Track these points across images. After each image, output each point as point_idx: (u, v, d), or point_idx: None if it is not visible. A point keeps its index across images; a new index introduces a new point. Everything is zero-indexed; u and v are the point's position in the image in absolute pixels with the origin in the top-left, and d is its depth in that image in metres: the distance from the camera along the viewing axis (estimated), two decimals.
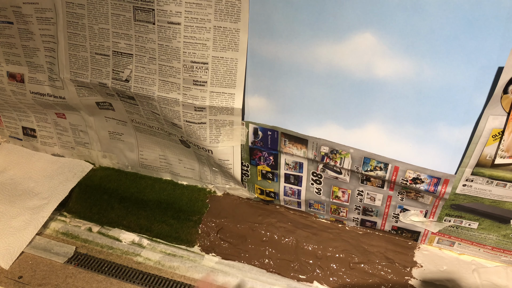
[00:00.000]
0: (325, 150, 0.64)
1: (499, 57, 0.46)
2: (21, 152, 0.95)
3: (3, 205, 0.81)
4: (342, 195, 0.70)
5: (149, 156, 0.84)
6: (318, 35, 0.53)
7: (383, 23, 0.49)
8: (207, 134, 0.68)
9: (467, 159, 0.55)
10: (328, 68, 0.56)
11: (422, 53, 0.50)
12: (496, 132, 0.51)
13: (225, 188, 0.82)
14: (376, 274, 0.69)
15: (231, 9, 0.56)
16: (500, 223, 0.62)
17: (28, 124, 0.92)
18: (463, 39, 0.47)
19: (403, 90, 0.54)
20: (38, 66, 0.77)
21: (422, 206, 0.66)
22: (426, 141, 0.57)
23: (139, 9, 0.60)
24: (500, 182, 0.56)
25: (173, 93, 0.65)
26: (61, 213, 0.84)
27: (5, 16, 0.73)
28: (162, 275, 0.71)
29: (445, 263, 0.69)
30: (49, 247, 0.76)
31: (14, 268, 0.72)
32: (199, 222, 0.78)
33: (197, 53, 0.60)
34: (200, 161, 0.78)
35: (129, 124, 0.79)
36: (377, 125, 0.58)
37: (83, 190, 0.86)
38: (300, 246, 0.73)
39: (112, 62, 0.68)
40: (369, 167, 0.62)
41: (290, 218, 0.78)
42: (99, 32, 0.66)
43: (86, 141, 0.88)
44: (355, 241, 0.73)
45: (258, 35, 0.57)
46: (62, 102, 0.79)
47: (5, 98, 0.85)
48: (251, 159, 0.72)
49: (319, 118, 0.61)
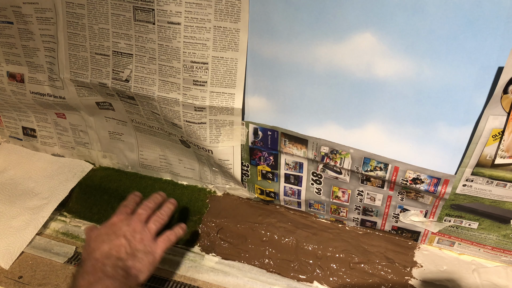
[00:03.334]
0: (325, 150, 0.64)
1: (499, 57, 0.46)
2: (21, 152, 0.95)
3: (3, 205, 0.82)
4: (342, 195, 0.70)
5: (149, 156, 0.84)
6: (318, 35, 0.53)
7: (383, 23, 0.49)
8: (207, 134, 0.68)
9: (467, 159, 0.55)
10: (328, 68, 0.56)
11: (422, 53, 0.50)
12: (496, 132, 0.51)
13: (225, 188, 0.82)
14: (376, 274, 0.69)
15: (231, 9, 0.56)
16: (500, 223, 0.62)
17: (28, 124, 0.92)
18: (463, 39, 0.47)
19: (403, 90, 0.54)
20: (38, 66, 0.77)
21: (422, 206, 0.66)
22: (426, 141, 0.57)
23: (139, 9, 0.60)
24: (500, 182, 0.56)
25: (173, 93, 0.65)
26: (61, 213, 0.84)
27: (5, 16, 0.73)
28: (162, 275, 0.71)
29: (445, 263, 0.69)
30: (49, 247, 0.76)
31: (14, 268, 0.72)
32: (199, 222, 0.78)
33: (197, 53, 0.60)
34: (200, 161, 0.79)
35: (129, 124, 0.79)
36: (377, 125, 0.58)
37: (83, 190, 0.86)
38: (300, 246, 0.73)
39: (112, 62, 0.68)
40: (369, 167, 0.62)
41: (290, 218, 0.78)
42: (99, 32, 0.66)
43: (86, 141, 0.88)
44: (355, 241, 0.73)
45: (258, 35, 0.57)
46: (62, 102, 0.79)
47: (5, 98, 0.85)
48: (251, 159, 0.72)
49: (319, 118, 0.61)
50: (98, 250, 0.56)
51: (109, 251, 0.56)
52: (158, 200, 0.66)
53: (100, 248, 0.56)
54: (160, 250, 0.60)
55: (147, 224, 0.61)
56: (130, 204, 0.65)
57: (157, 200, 0.66)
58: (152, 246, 0.60)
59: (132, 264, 0.56)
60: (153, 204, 0.65)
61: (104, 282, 0.52)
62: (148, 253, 0.58)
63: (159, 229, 0.62)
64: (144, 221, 0.62)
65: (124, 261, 0.56)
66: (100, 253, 0.56)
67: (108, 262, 0.55)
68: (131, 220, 0.61)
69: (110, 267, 0.54)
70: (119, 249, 0.57)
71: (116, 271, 0.54)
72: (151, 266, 0.58)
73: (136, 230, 0.60)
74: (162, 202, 0.67)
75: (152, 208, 0.64)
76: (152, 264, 0.58)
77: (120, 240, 0.57)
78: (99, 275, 0.53)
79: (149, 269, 0.58)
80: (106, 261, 0.55)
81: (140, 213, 0.62)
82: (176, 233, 0.64)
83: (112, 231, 0.59)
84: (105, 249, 0.56)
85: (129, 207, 0.64)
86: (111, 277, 0.53)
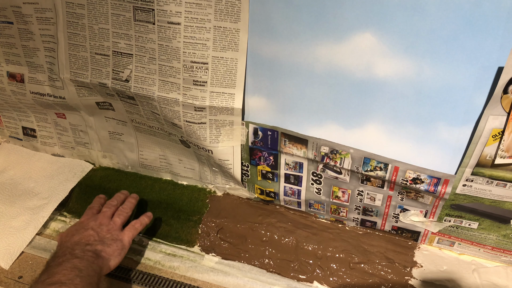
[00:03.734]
0: (325, 150, 0.64)
1: (499, 57, 0.46)
2: (21, 152, 0.95)
3: (3, 205, 0.81)
4: (342, 195, 0.70)
5: (149, 156, 0.84)
6: (318, 35, 0.53)
7: (383, 23, 0.49)
8: (207, 134, 0.68)
9: (467, 159, 0.55)
10: (328, 68, 0.56)
11: (422, 53, 0.50)
12: (496, 132, 0.51)
13: (225, 188, 0.82)
14: (376, 274, 0.69)
15: (231, 9, 0.56)
16: (500, 223, 0.62)
17: (28, 124, 0.92)
18: (463, 39, 0.47)
19: (403, 90, 0.54)
20: (38, 66, 0.77)
21: (422, 206, 0.66)
22: (426, 141, 0.57)
23: (139, 9, 0.60)
24: (500, 182, 0.56)
25: (173, 93, 0.65)
26: (61, 213, 0.84)
27: (5, 16, 0.73)
28: (162, 275, 0.71)
29: (445, 263, 0.69)
30: (49, 247, 0.76)
31: (14, 268, 0.72)
32: (199, 222, 0.78)
33: (197, 53, 0.60)
34: (200, 161, 0.78)
35: (129, 124, 0.79)
36: (377, 125, 0.58)
37: (83, 190, 0.86)
38: (300, 246, 0.73)
39: (112, 62, 0.68)
40: (369, 167, 0.62)
41: (290, 218, 0.78)
42: (99, 32, 0.66)
43: (86, 141, 0.88)
44: (355, 241, 0.73)
45: (258, 35, 0.57)
46: (62, 102, 0.79)
47: (5, 98, 0.85)
48: (251, 159, 0.72)
49: (319, 118, 0.61)
50: (69, 241, 0.62)
51: (78, 240, 0.62)
52: (120, 198, 0.73)
53: (70, 239, 0.62)
54: (127, 238, 0.65)
55: (112, 219, 0.68)
56: (95, 205, 0.72)
57: (119, 198, 0.73)
58: (119, 234, 0.65)
59: (101, 248, 0.61)
60: (116, 201, 0.71)
61: (72, 261, 0.57)
62: (116, 240, 0.64)
63: (124, 221, 0.68)
64: (110, 217, 0.68)
65: (93, 245, 0.61)
66: (70, 243, 0.61)
67: (77, 247, 0.60)
68: (98, 217, 0.67)
69: (79, 250, 0.59)
70: (88, 238, 0.62)
71: (85, 253, 0.59)
72: (121, 251, 0.63)
73: (103, 223, 0.66)
74: (125, 199, 0.73)
75: (115, 206, 0.71)
76: (122, 249, 0.63)
77: (89, 231, 0.63)
78: (68, 256, 0.57)
79: (119, 254, 0.63)
80: (76, 246, 0.60)
81: (105, 210, 0.69)
82: (141, 222, 0.69)
83: (81, 227, 0.65)
84: (75, 239, 0.62)
85: (95, 208, 0.71)
86: (79, 257, 0.57)
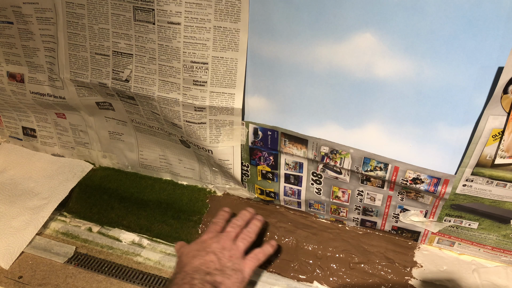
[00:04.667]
0: (325, 150, 0.64)
1: (499, 57, 0.46)
2: (21, 152, 0.95)
3: (3, 205, 0.82)
4: (342, 195, 0.70)
5: (149, 156, 0.84)
6: (318, 35, 0.53)
7: (383, 23, 0.49)
8: (207, 134, 0.68)
9: (467, 159, 0.55)
10: (328, 68, 0.56)
11: (422, 53, 0.50)
12: (496, 132, 0.51)
13: (225, 188, 0.82)
14: (376, 274, 0.69)
15: (231, 9, 0.56)
16: (500, 223, 0.62)
17: (28, 124, 0.92)
18: (463, 39, 0.47)
19: (403, 90, 0.54)
20: (38, 66, 0.77)
21: (422, 206, 0.66)
22: (426, 141, 0.57)
23: (139, 9, 0.60)
24: (500, 182, 0.56)
25: (173, 93, 0.65)
26: (61, 213, 0.84)
27: (5, 16, 0.73)
28: (162, 275, 0.71)
29: (445, 263, 0.69)
30: (49, 247, 0.76)
31: (14, 268, 0.72)
32: (199, 222, 0.78)
33: (197, 53, 0.60)
34: (200, 161, 0.79)
35: (129, 124, 0.79)
36: (377, 125, 0.58)
37: (83, 190, 0.86)
38: (300, 246, 0.73)
39: (112, 62, 0.68)
40: (369, 167, 0.62)
41: (290, 218, 0.78)
42: (99, 32, 0.66)
43: (86, 141, 0.88)
44: (355, 241, 0.73)
45: (258, 35, 0.57)
46: (62, 102, 0.79)
47: (5, 98, 0.85)
48: (251, 159, 0.72)
49: (319, 118, 0.61)
50: (189, 265, 0.57)
51: (199, 265, 0.57)
52: (246, 218, 0.67)
53: (190, 262, 0.57)
54: (248, 269, 0.60)
55: (236, 242, 0.62)
56: (220, 221, 0.67)
57: (245, 217, 0.67)
58: (240, 263, 0.59)
59: (221, 280, 0.56)
60: (241, 221, 0.66)
61: None
62: (237, 271, 0.58)
63: (247, 247, 0.63)
64: (233, 239, 0.62)
65: (213, 276, 0.56)
66: (190, 267, 0.56)
67: (197, 276, 0.55)
68: (221, 238, 0.62)
69: (198, 281, 0.54)
70: (209, 264, 0.57)
71: (204, 285, 0.54)
72: (240, 285, 0.57)
73: (226, 248, 0.60)
74: (251, 218, 0.68)
75: (240, 226, 0.65)
76: (241, 282, 0.58)
77: (210, 256, 0.58)
78: (186, 287, 0.53)
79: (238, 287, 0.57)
80: (195, 274, 0.55)
81: (229, 231, 0.63)
82: (265, 251, 0.64)
83: (202, 247, 0.60)
84: (195, 264, 0.57)
85: (219, 225, 0.66)
86: None
